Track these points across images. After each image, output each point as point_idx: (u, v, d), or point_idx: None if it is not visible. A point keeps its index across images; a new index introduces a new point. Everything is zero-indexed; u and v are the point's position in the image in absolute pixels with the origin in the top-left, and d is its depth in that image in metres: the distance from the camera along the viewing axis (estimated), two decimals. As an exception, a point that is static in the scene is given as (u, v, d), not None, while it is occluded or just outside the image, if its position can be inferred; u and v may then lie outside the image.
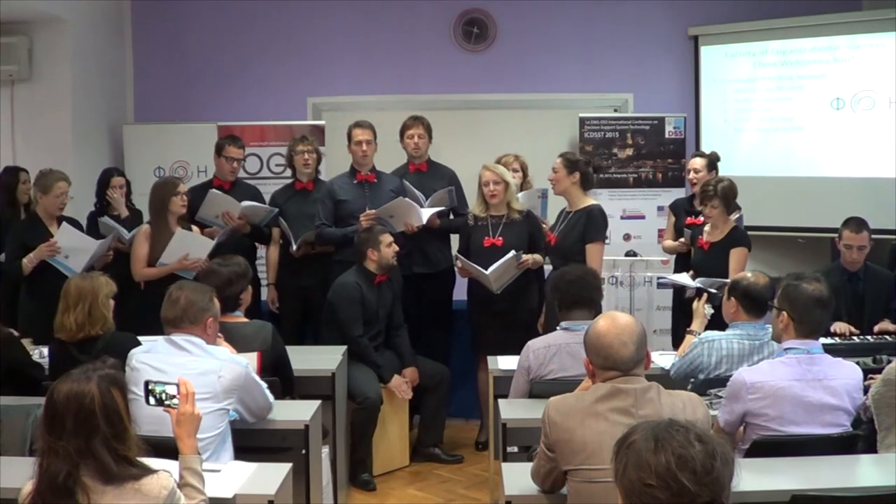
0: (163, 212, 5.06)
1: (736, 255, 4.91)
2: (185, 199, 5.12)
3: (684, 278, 5.02)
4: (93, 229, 5.40)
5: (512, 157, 5.61)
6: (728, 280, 4.70)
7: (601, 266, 4.98)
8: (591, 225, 4.94)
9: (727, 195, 4.96)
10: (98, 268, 5.04)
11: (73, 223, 5.23)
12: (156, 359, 3.22)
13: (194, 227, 5.23)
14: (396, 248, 5.06)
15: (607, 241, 5.22)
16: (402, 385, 5.02)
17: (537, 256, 5.15)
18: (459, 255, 5.28)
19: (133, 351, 3.32)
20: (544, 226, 5.40)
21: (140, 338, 3.76)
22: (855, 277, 5.00)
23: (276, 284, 5.68)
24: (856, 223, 4.95)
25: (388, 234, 5.07)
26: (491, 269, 4.97)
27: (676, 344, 5.00)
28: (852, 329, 4.77)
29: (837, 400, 3.08)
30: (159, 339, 3.33)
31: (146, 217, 5.64)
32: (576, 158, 5.10)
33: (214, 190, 5.45)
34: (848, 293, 4.91)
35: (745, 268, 4.88)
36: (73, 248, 4.95)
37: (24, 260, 4.90)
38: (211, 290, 3.48)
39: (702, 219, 5.22)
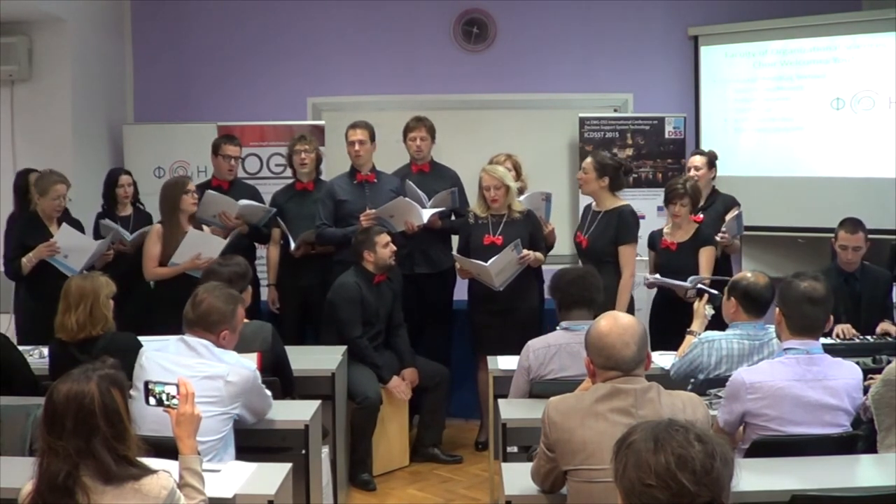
0: (174, 211, 5.09)
1: (706, 253, 4.98)
2: (196, 198, 5.16)
3: (655, 276, 5.02)
4: (99, 234, 5.41)
5: (504, 156, 5.56)
6: (700, 276, 4.82)
7: (634, 267, 4.98)
8: (624, 226, 4.91)
9: (696, 194, 5.04)
10: (98, 267, 5.05)
11: (76, 225, 5.23)
12: (165, 358, 3.23)
13: (205, 227, 5.24)
14: (394, 249, 5.06)
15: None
16: (400, 386, 5.02)
17: (538, 254, 5.14)
18: (457, 255, 5.28)
19: (144, 348, 3.33)
20: (549, 227, 5.40)
21: (150, 337, 3.76)
22: (852, 278, 4.99)
23: (276, 285, 5.68)
24: (851, 224, 4.94)
25: (385, 234, 5.06)
26: (491, 261, 4.95)
27: (653, 344, 5.00)
28: (853, 331, 4.77)
29: (837, 400, 3.09)
30: (172, 338, 3.34)
31: (154, 218, 5.66)
32: (606, 163, 4.99)
33: (211, 190, 5.45)
34: (845, 293, 4.90)
35: (713, 265, 4.92)
36: (72, 248, 4.95)
37: (24, 259, 4.91)
38: (239, 298, 3.46)
39: (702, 216, 5.23)
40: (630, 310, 4.85)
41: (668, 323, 4.75)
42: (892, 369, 3.14)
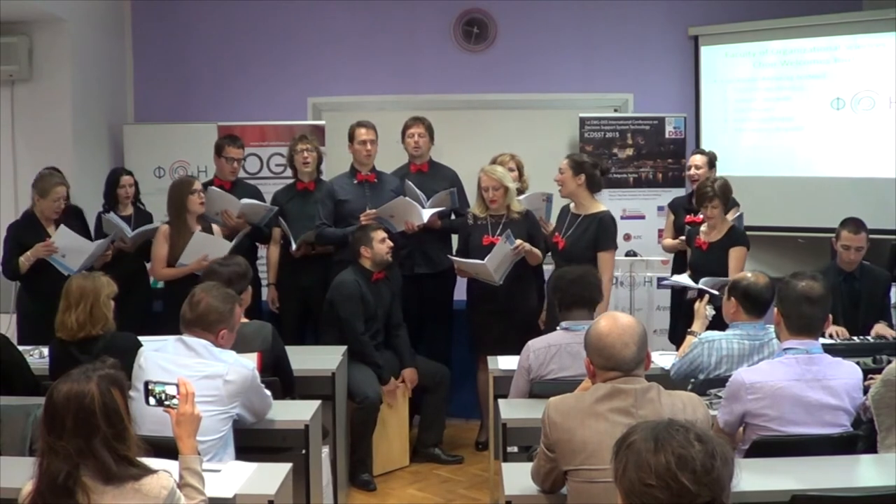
0: (182, 211, 5.09)
1: (735, 254, 4.92)
2: (203, 197, 5.15)
3: (685, 279, 5.02)
4: (101, 230, 5.41)
5: (508, 156, 5.58)
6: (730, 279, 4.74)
7: (612, 273, 4.96)
8: (604, 233, 4.88)
9: (725, 193, 4.99)
10: (97, 267, 5.05)
11: (78, 214, 5.23)
12: (164, 358, 3.24)
13: (215, 228, 5.24)
14: (391, 245, 5.06)
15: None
16: (394, 392, 5.02)
17: (535, 249, 5.12)
18: (453, 258, 5.27)
19: (142, 349, 3.33)
20: (550, 227, 5.39)
21: (150, 337, 3.76)
22: (851, 277, 4.99)
23: (276, 284, 5.67)
24: (854, 224, 4.93)
25: (381, 230, 5.06)
26: (487, 258, 4.95)
27: (675, 343, 5.00)
28: (846, 333, 4.76)
29: (837, 400, 3.09)
30: (170, 338, 3.34)
31: (155, 218, 5.67)
32: (582, 160, 5.00)
33: (213, 188, 5.45)
34: (844, 293, 4.90)
35: (744, 267, 4.90)
36: (69, 249, 4.95)
37: (21, 258, 4.91)
38: (236, 298, 3.46)
39: (701, 216, 5.22)
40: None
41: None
42: (892, 369, 3.13)
